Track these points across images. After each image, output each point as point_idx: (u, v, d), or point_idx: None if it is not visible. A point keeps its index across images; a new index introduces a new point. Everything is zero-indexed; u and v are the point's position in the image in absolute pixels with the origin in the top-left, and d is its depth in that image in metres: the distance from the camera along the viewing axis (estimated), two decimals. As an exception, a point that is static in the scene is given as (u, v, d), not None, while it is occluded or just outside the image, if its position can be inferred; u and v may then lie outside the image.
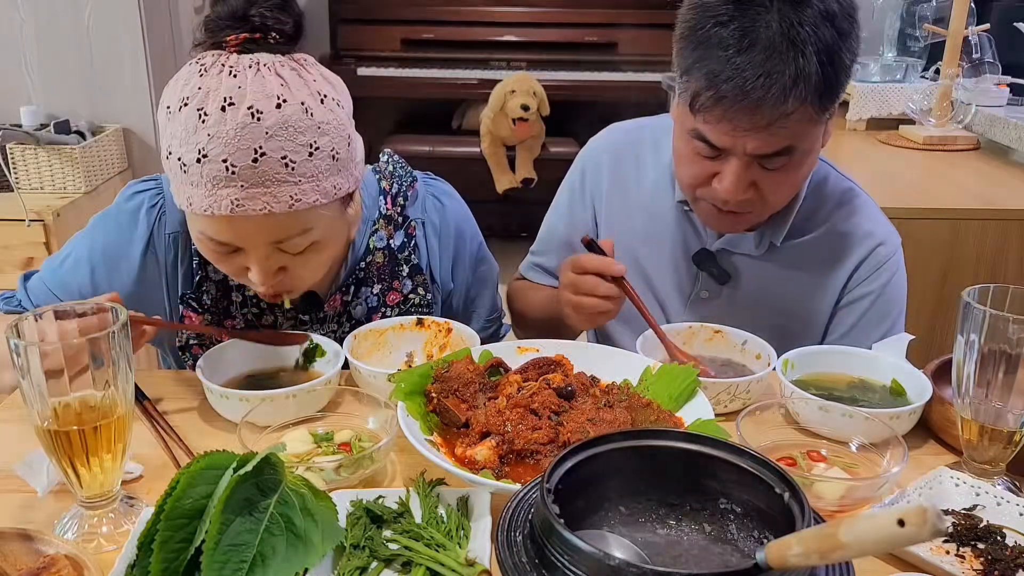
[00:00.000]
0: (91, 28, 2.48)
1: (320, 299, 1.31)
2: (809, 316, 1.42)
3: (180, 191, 1.09)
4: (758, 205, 1.28)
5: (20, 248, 2.22)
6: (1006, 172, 2.42)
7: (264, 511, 0.80)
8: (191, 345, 1.30)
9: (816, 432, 1.07)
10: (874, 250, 1.39)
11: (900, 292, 1.43)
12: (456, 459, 1.00)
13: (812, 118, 1.18)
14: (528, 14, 4.18)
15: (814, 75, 1.13)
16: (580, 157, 1.56)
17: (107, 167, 2.49)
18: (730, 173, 1.21)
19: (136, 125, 2.59)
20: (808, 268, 1.41)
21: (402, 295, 1.35)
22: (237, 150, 1.02)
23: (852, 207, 1.41)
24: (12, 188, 2.27)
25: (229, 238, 1.09)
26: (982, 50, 2.63)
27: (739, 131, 1.17)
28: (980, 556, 0.89)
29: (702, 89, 1.17)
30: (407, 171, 1.37)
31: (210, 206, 1.05)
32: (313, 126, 1.06)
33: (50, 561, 0.81)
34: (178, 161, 1.06)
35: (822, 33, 1.13)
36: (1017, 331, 0.93)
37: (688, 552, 0.82)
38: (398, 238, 1.33)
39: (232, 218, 1.06)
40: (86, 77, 2.52)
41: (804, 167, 1.26)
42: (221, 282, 1.27)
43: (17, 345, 0.84)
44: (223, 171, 1.03)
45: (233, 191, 1.04)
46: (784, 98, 1.13)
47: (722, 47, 1.14)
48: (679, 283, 1.46)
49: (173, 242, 1.26)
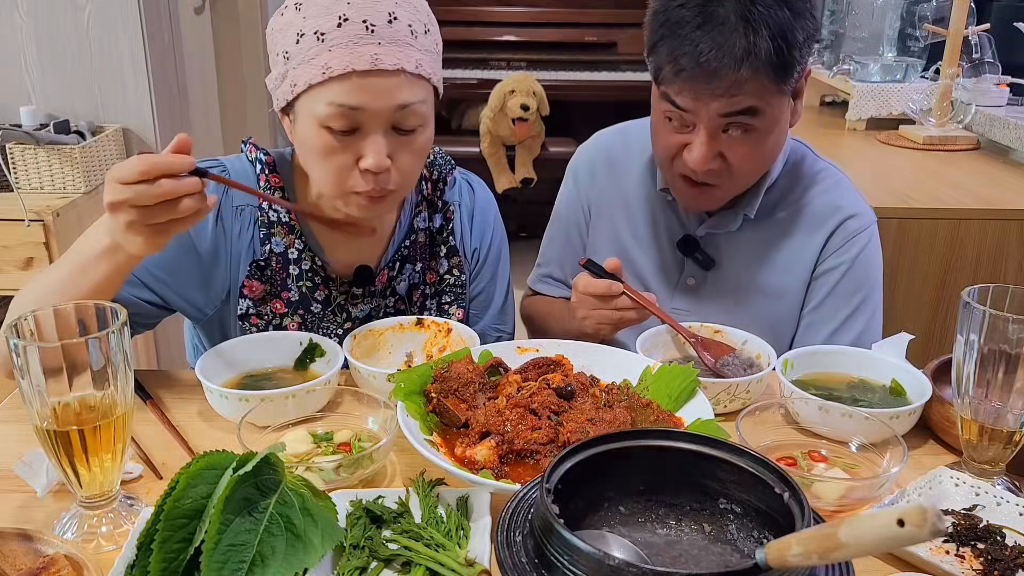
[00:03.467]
0: (91, 28, 2.48)
1: (372, 273, 1.36)
2: (789, 294, 1.45)
3: (311, 65, 1.15)
4: (726, 177, 1.33)
5: (20, 248, 2.22)
6: (1006, 172, 2.42)
7: (264, 511, 0.80)
8: (250, 315, 1.31)
9: (816, 432, 1.07)
10: (843, 223, 1.43)
11: (873, 266, 1.45)
12: (456, 459, 1.00)
13: (768, 86, 1.24)
14: (528, 14, 4.18)
15: (764, 48, 1.20)
16: (570, 165, 1.63)
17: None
18: (699, 144, 1.29)
19: (136, 125, 2.59)
20: (784, 244, 1.45)
21: (438, 275, 1.42)
22: (375, 12, 1.14)
23: (826, 185, 1.46)
24: (12, 188, 2.27)
25: (361, 101, 1.14)
26: (982, 50, 2.63)
27: (701, 97, 1.25)
28: (980, 556, 0.89)
29: (664, 63, 1.27)
30: (447, 160, 1.44)
31: (351, 63, 1.13)
32: (425, 10, 1.22)
33: (49, 561, 0.81)
34: (315, 35, 1.14)
35: (775, 13, 1.21)
36: (1017, 331, 0.93)
37: (688, 552, 0.82)
38: (437, 220, 1.41)
39: (367, 78, 1.13)
40: (86, 77, 2.52)
41: (769, 139, 1.31)
42: (281, 254, 1.31)
43: (16, 345, 0.84)
44: (363, 30, 1.13)
45: (372, 47, 1.13)
46: (736, 68, 1.21)
47: (682, 25, 1.24)
48: (666, 271, 1.50)
49: (239, 215, 1.31)
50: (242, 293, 1.30)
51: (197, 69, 3.01)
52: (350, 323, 1.36)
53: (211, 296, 1.31)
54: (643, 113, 1.58)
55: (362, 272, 1.35)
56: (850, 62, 2.97)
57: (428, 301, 1.41)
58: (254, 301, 1.31)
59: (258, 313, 1.32)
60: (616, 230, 1.53)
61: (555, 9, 4.17)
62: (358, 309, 1.37)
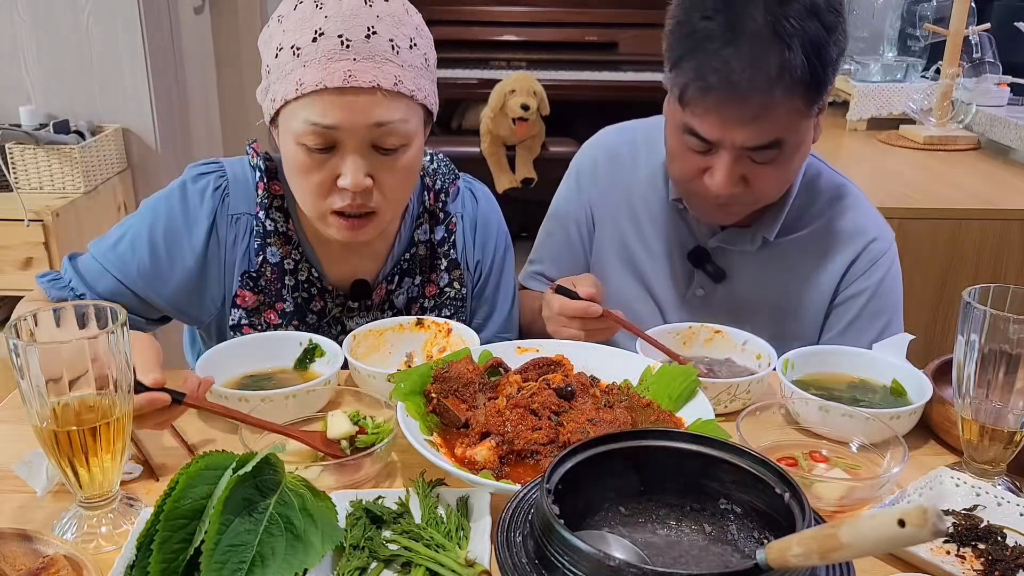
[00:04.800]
0: (90, 28, 2.47)
1: (369, 287, 1.34)
2: (805, 314, 1.42)
3: (286, 80, 1.13)
4: (749, 198, 1.29)
5: (19, 248, 2.22)
6: (1006, 172, 2.42)
7: (263, 511, 0.80)
8: (242, 325, 1.31)
9: (816, 432, 1.07)
10: (868, 246, 1.40)
11: (896, 288, 1.43)
12: (456, 459, 1.00)
13: (800, 110, 1.19)
14: (528, 14, 4.18)
15: (799, 67, 1.14)
16: (574, 161, 1.57)
17: (106, 167, 2.49)
18: (721, 168, 1.22)
19: (136, 125, 2.59)
20: (802, 265, 1.41)
21: (438, 288, 1.39)
22: (352, 26, 1.11)
23: (845, 203, 1.42)
24: (11, 188, 2.27)
25: (334, 119, 1.12)
26: (983, 50, 2.63)
27: (728, 123, 1.18)
28: (980, 556, 0.89)
29: (690, 82, 1.18)
30: (450, 169, 1.41)
31: (323, 79, 1.10)
32: (412, 24, 1.17)
33: (49, 561, 0.81)
34: (291, 49, 1.12)
35: (808, 26, 1.14)
36: (1017, 331, 0.93)
37: (688, 552, 0.82)
38: (439, 232, 1.38)
39: (341, 96, 1.11)
40: (85, 77, 2.52)
41: (794, 161, 1.27)
42: (277, 265, 1.30)
43: (16, 345, 0.84)
44: (338, 45, 1.11)
45: (346, 63, 1.11)
46: (770, 89, 1.14)
47: (709, 40, 1.15)
48: (675, 281, 1.46)
49: (235, 223, 1.29)
50: (235, 303, 1.30)
51: (197, 69, 3.01)
52: (344, 336, 1.32)
53: (205, 304, 1.31)
54: (643, 113, 1.57)
55: (359, 286, 1.34)
56: (851, 62, 2.97)
57: (427, 314, 1.38)
58: (247, 311, 1.30)
59: (251, 324, 1.31)
60: (622, 237, 1.48)
61: (555, 9, 4.17)
62: (354, 322, 1.35)
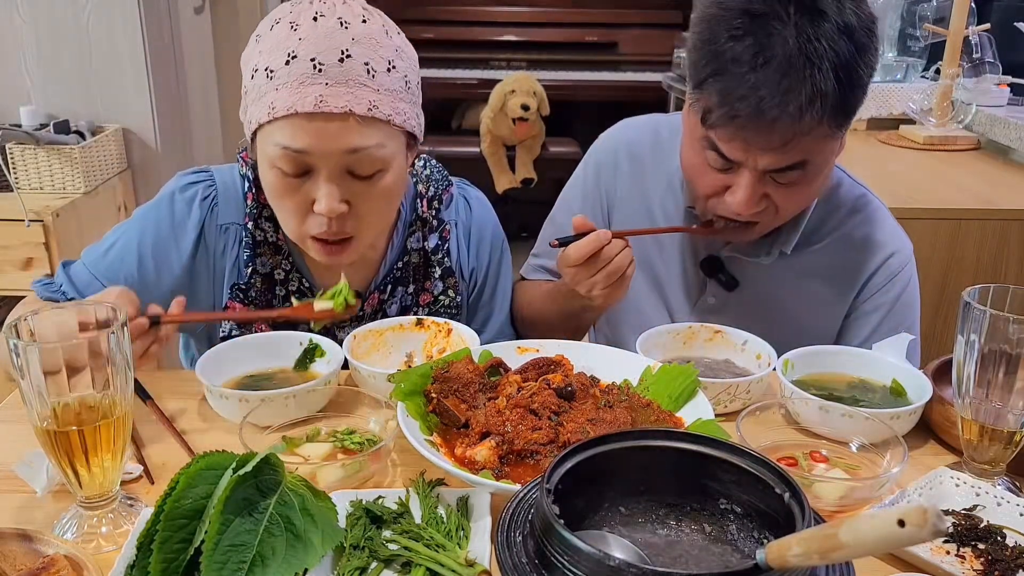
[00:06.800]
0: (91, 28, 2.48)
1: (361, 297, 1.33)
2: (819, 326, 1.40)
3: (260, 103, 1.12)
4: (770, 216, 1.26)
5: (19, 248, 2.22)
6: (1006, 172, 2.42)
7: (264, 511, 0.80)
8: (232, 336, 1.31)
9: (816, 432, 1.07)
10: (886, 261, 1.37)
11: (913, 304, 1.41)
12: (456, 459, 1.00)
13: (827, 134, 1.16)
14: (528, 14, 4.19)
15: (831, 93, 1.10)
16: (593, 153, 1.52)
17: (106, 167, 2.49)
18: (742, 188, 1.20)
19: (136, 125, 2.59)
20: (818, 277, 1.39)
21: (432, 296, 1.37)
22: (326, 49, 1.09)
23: (864, 215, 1.39)
24: (12, 188, 2.27)
25: (305, 144, 1.10)
26: (982, 50, 2.63)
27: (752, 148, 1.15)
28: (980, 556, 0.89)
29: (715, 106, 1.14)
30: (443, 175, 1.39)
31: (294, 104, 1.08)
32: (391, 46, 1.14)
33: (49, 561, 0.81)
34: (265, 71, 1.11)
35: (839, 47, 1.10)
36: (1017, 331, 0.93)
37: (688, 552, 0.82)
38: (432, 240, 1.36)
39: (312, 121, 1.09)
40: (86, 77, 2.52)
41: (818, 180, 1.25)
42: (267, 275, 1.29)
43: (16, 345, 0.84)
44: (310, 68, 1.08)
45: (318, 88, 1.08)
46: (799, 117, 1.10)
47: (737, 63, 1.11)
48: (687, 288, 1.45)
49: (224, 233, 1.28)
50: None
51: (197, 69, 3.01)
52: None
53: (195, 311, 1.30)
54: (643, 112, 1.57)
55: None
56: (850, 62, 2.97)
57: None
58: (237, 322, 1.30)
59: (242, 335, 1.30)
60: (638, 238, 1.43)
61: (556, 9, 4.17)
62: (345, 332, 1.33)
